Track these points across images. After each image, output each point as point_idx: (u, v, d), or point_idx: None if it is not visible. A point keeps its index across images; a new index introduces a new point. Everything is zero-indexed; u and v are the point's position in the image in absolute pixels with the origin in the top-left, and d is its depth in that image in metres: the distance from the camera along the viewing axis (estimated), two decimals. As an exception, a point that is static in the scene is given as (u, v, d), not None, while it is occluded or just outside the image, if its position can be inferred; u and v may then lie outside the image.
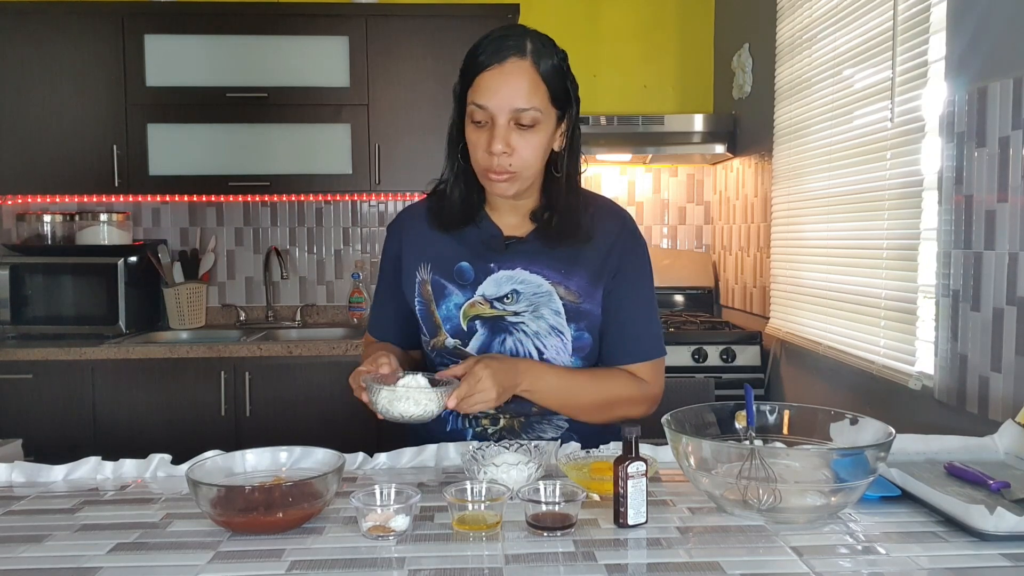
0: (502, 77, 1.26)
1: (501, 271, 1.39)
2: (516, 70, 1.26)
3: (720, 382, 2.09)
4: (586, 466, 1.17)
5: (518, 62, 1.27)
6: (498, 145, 1.26)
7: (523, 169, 1.30)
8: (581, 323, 1.39)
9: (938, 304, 1.82)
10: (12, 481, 1.22)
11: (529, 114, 1.27)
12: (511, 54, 1.26)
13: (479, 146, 1.29)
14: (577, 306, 1.38)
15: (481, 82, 1.27)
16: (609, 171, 3.61)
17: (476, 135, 1.30)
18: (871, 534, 0.98)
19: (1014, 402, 1.55)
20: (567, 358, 1.40)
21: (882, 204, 2.05)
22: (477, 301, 1.39)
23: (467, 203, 1.39)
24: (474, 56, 1.29)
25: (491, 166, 1.29)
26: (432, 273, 1.42)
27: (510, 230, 1.42)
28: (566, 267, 1.39)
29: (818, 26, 2.45)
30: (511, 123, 1.27)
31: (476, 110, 1.28)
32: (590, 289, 1.39)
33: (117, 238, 3.25)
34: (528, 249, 1.40)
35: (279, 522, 0.98)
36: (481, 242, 1.41)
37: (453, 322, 1.40)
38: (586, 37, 3.56)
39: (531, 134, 1.29)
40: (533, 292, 1.38)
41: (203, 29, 3.11)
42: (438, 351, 1.42)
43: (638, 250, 1.44)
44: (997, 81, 1.62)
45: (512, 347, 1.39)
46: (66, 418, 2.83)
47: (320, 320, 3.54)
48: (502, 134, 1.27)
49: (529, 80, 1.27)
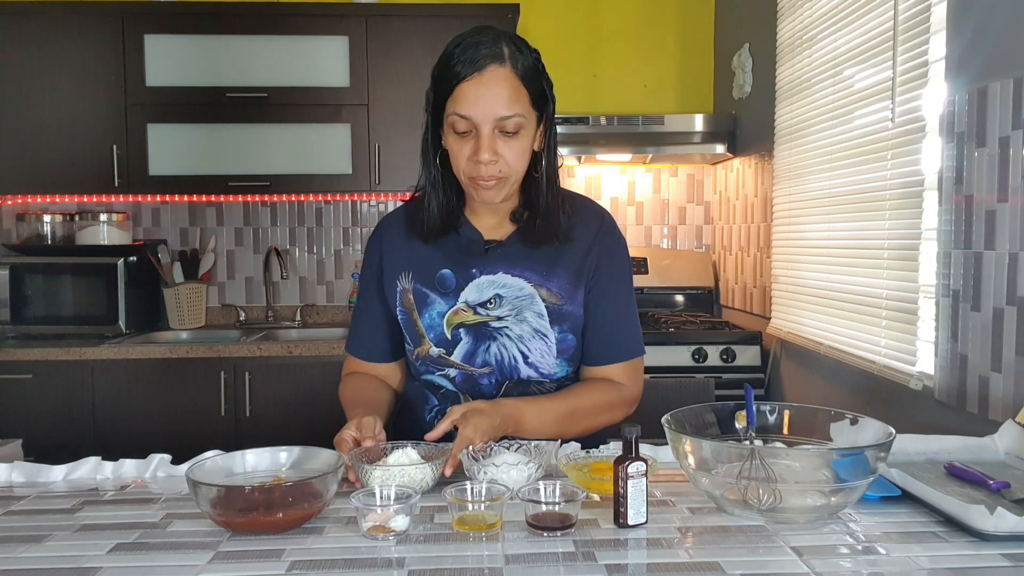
0: (482, 87, 1.24)
1: (483, 276, 1.38)
2: (496, 78, 1.24)
3: (720, 382, 2.09)
4: (586, 466, 1.17)
5: (497, 69, 1.24)
6: (485, 155, 1.25)
7: (511, 175, 1.30)
8: (564, 324, 1.38)
9: (938, 304, 1.82)
10: (12, 481, 1.22)
11: (513, 120, 1.26)
12: (489, 62, 1.24)
13: (463, 155, 1.28)
14: (559, 308, 1.38)
15: (461, 92, 1.25)
16: (609, 171, 3.61)
17: (459, 144, 1.28)
18: (871, 534, 0.98)
19: (1014, 402, 1.55)
20: (552, 360, 1.39)
21: (883, 204, 2.05)
22: (460, 308, 1.38)
23: (446, 211, 1.38)
24: (449, 65, 1.26)
25: (478, 174, 1.28)
26: (413, 282, 1.41)
27: (490, 232, 1.41)
28: (547, 268, 1.38)
29: (818, 26, 2.45)
30: (495, 131, 1.26)
31: (458, 120, 1.26)
32: (571, 290, 1.39)
33: (117, 238, 3.25)
34: (509, 252, 1.39)
35: (279, 522, 0.98)
36: (461, 248, 1.40)
37: (437, 331, 1.39)
38: (586, 37, 3.56)
39: (515, 140, 1.28)
40: (515, 296, 1.37)
41: (203, 29, 3.11)
42: (423, 360, 1.42)
43: (616, 249, 1.43)
44: (997, 81, 1.62)
45: (497, 353, 1.38)
46: (66, 418, 2.83)
47: (320, 320, 3.54)
48: (487, 143, 1.25)
49: (510, 87, 1.25)
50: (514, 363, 1.38)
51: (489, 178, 1.28)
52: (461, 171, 1.31)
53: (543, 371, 1.39)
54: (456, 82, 1.25)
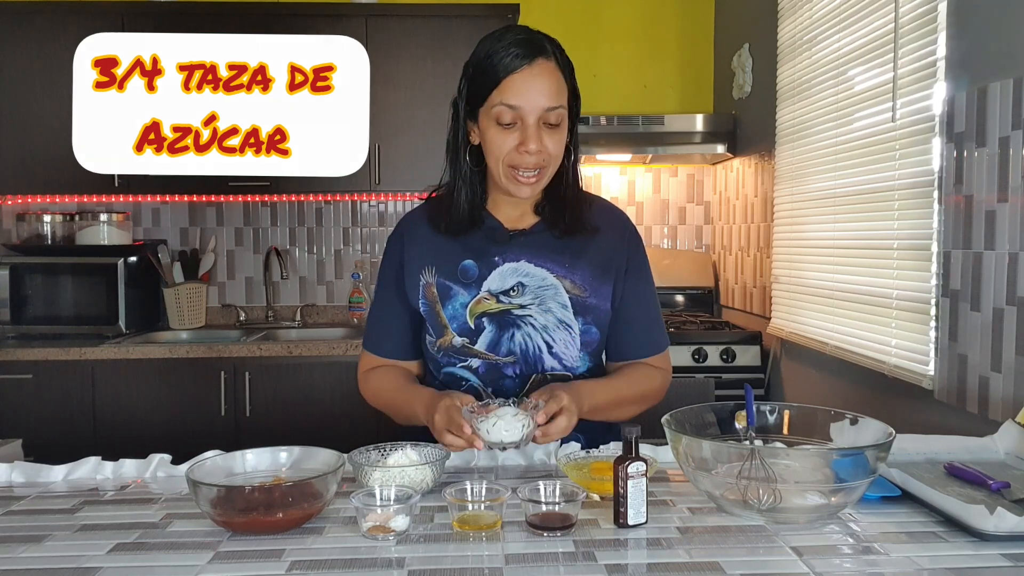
0: (532, 78, 1.28)
1: (506, 264, 1.39)
2: (544, 71, 1.29)
3: (720, 382, 2.09)
4: (586, 466, 1.17)
5: (545, 63, 1.30)
6: (533, 145, 1.29)
7: (550, 166, 1.34)
8: (588, 317, 1.39)
9: (938, 304, 1.82)
10: (12, 481, 1.22)
11: (557, 112, 1.30)
12: (537, 55, 1.29)
13: (506, 146, 1.31)
14: (583, 300, 1.39)
15: (510, 84, 1.28)
16: (609, 171, 3.60)
17: (503, 136, 1.31)
18: (871, 534, 0.98)
19: (1014, 402, 1.55)
20: (575, 352, 1.40)
21: (891, 203, 2.04)
22: (483, 297, 1.38)
23: (473, 206, 1.40)
24: (495, 59, 1.30)
25: (522, 164, 1.31)
26: (437, 275, 1.41)
27: (513, 224, 1.43)
28: (570, 260, 1.40)
29: (819, 27, 2.45)
30: (539, 122, 1.30)
31: (505, 111, 1.29)
32: (595, 284, 1.40)
33: (117, 238, 3.25)
34: (532, 241, 1.40)
35: (279, 522, 0.98)
36: (484, 238, 1.41)
37: (460, 320, 1.39)
38: (586, 37, 3.56)
39: (557, 132, 1.32)
40: (538, 285, 1.38)
41: (203, 29, 3.08)
42: (444, 350, 1.41)
43: (641, 246, 1.48)
44: (997, 81, 1.62)
45: (521, 341, 1.38)
46: (66, 418, 2.83)
47: (320, 320, 3.54)
48: (534, 134, 1.29)
49: (555, 79, 1.30)
50: (538, 352, 1.39)
51: (533, 168, 1.31)
52: (501, 162, 1.33)
53: (566, 363, 1.40)
54: (505, 74, 1.29)
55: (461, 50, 1.35)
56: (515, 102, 1.28)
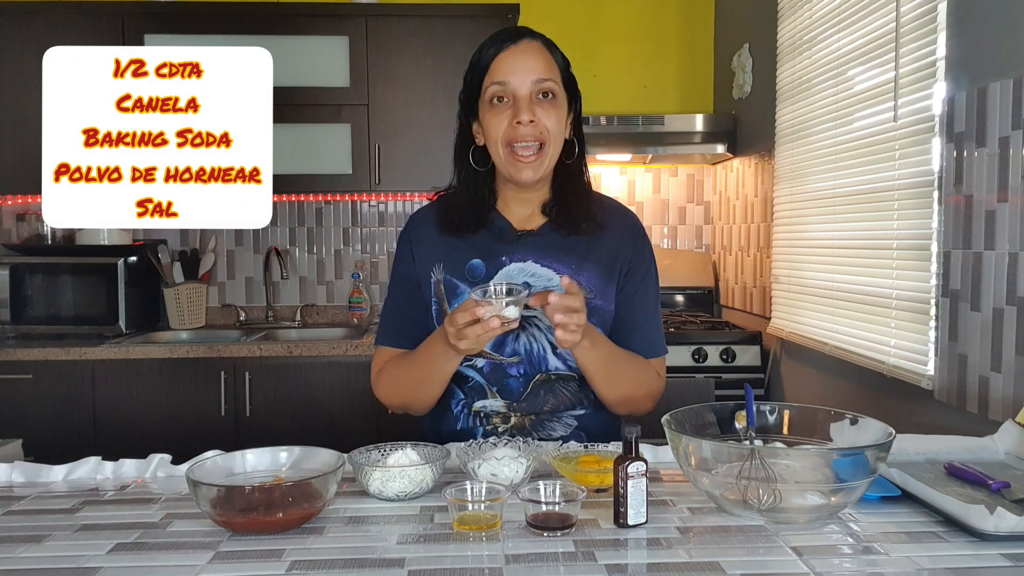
0: (518, 54, 1.33)
1: (512, 263, 1.39)
2: (530, 48, 1.34)
3: (720, 382, 2.09)
4: (574, 459, 1.17)
5: (530, 42, 1.35)
6: (525, 115, 1.30)
7: (548, 142, 1.34)
8: (593, 319, 1.38)
9: (938, 304, 1.82)
10: (12, 481, 1.22)
11: (548, 83, 1.33)
12: (523, 36, 1.34)
13: (502, 122, 1.32)
14: (589, 301, 1.38)
15: (498, 63, 1.32)
16: (609, 171, 3.60)
17: (498, 116, 1.33)
18: (871, 534, 0.98)
19: (1014, 402, 1.55)
20: None
21: (891, 203, 2.04)
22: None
23: (477, 204, 1.41)
24: (487, 47, 1.34)
25: (518, 137, 1.31)
26: (444, 273, 1.42)
27: (521, 224, 1.43)
28: (577, 262, 1.40)
29: (819, 27, 2.45)
30: (531, 95, 1.32)
31: (496, 88, 1.32)
32: (601, 286, 1.40)
33: (117, 238, 3.24)
34: (540, 242, 1.41)
35: (279, 522, 0.98)
36: (492, 238, 1.42)
37: None
38: (586, 37, 3.56)
39: (551, 106, 1.33)
40: (544, 286, 1.38)
41: (203, 29, 3.11)
42: None
43: (647, 248, 1.48)
44: (997, 81, 1.62)
45: (526, 342, 1.39)
46: (66, 418, 2.82)
47: (320, 320, 3.54)
48: (526, 105, 1.31)
49: (543, 56, 1.35)
50: (543, 353, 1.39)
51: (530, 143, 1.32)
52: (500, 143, 1.33)
53: (571, 364, 1.39)
54: (494, 56, 1.33)
55: (461, 50, 1.37)
56: (503, 78, 1.32)
